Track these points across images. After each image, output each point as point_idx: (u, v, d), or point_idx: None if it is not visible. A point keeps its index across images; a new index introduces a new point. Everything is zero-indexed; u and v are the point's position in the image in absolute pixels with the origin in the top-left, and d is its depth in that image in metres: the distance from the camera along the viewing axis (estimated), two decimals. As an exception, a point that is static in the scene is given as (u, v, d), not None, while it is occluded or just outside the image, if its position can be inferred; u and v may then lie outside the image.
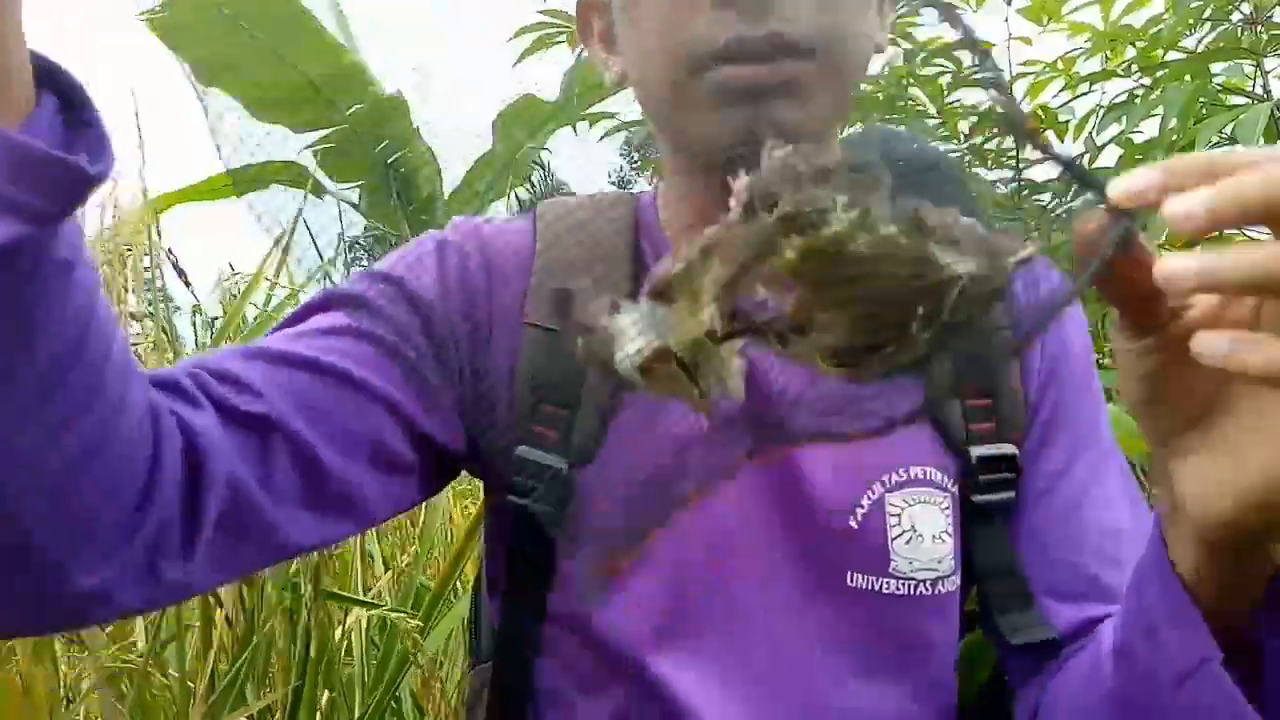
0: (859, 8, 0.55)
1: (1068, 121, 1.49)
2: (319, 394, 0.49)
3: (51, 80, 0.35)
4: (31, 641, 1.15)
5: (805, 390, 0.53)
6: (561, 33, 1.55)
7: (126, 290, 1.28)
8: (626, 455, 0.54)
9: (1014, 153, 1.74)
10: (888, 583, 0.55)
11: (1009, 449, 0.57)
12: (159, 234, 1.38)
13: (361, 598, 1.28)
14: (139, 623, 1.16)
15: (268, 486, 0.46)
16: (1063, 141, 1.47)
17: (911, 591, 0.55)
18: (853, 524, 0.55)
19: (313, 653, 1.12)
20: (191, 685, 1.10)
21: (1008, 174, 1.78)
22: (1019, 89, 1.71)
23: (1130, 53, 1.48)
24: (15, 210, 0.32)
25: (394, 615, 1.19)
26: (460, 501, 1.68)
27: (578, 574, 0.55)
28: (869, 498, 0.55)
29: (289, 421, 0.47)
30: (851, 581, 0.55)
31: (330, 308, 0.54)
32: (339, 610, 1.22)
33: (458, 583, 1.41)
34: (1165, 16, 1.44)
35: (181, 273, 1.58)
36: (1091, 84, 1.47)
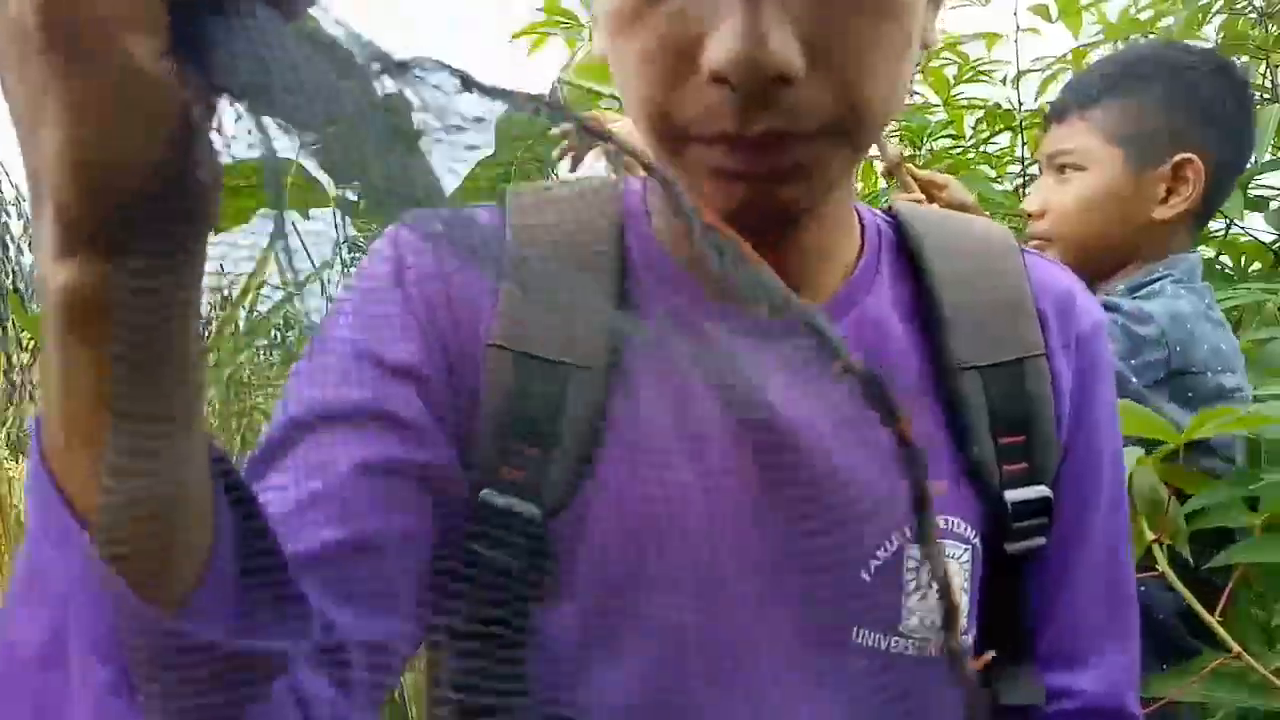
0: (896, 57, 0.43)
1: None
2: (391, 579, 0.44)
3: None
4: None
5: None
6: (557, 29, 1.54)
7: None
8: (612, 502, 0.47)
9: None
10: (896, 641, 0.50)
11: (1044, 491, 0.52)
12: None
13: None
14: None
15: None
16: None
17: (921, 652, 0.50)
18: (865, 577, 0.49)
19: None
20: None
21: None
22: (1029, 84, 1.69)
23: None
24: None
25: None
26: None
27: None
28: (885, 549, 0.50)
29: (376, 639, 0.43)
30: (857, 638, 0.50)
31: (319, 428, 0.45)
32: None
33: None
34: (1177, 9, 1.43)
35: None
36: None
